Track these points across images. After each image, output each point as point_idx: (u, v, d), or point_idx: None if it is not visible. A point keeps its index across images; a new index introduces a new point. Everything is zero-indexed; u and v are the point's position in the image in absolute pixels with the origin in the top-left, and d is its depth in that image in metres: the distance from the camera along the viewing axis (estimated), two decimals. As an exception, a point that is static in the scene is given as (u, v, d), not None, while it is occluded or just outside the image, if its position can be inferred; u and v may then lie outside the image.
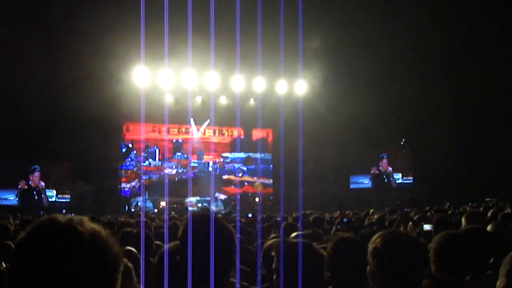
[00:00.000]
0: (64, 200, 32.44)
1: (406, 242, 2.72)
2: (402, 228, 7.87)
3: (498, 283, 2.59)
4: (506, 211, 9.51)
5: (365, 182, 37.55)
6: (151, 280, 3.39)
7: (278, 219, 11.35)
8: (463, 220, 6.09)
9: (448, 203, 22.88)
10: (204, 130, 35.95)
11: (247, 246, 6.14)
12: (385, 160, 37.69)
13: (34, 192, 32.40)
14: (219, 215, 18.30)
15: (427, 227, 7.01)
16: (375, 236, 2.81)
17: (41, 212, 19.88)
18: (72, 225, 1.41)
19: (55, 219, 1.44)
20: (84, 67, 27.29)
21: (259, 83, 32.92)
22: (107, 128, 31.82)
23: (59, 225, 1.42)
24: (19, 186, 32.08)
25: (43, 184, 32.66)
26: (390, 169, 37.52)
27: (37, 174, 32.66)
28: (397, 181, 37.29)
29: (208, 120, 34.97)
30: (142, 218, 11.99)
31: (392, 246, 2.69)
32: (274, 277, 3.05)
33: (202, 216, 2.43)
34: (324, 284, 3.06)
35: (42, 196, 32.48)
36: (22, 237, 1.44)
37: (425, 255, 2.76)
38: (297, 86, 33.71)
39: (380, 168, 37.61)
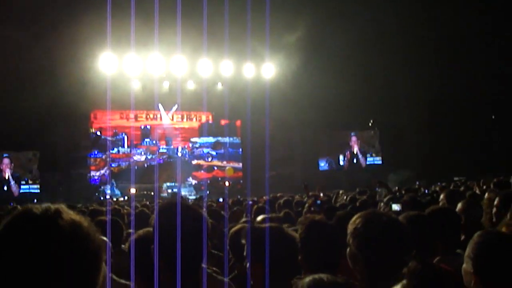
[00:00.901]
0: (33, 191, 31.90)
1: (386, 222, 2.71)
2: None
3: (464, 266, 2.59)
4: (474, 191, 9.64)
5: (322, 165, 37.73)
6: (122, 268, 3.34)
7: (250, 202, 11.36)
8: (442, 197, 6.12)
9: (417, 183, 23.17)
10: (172, 116, 35.78)
11: (220, 230, 6.10)
12: (354, 138, 37.92)
13: (3, 182, 31.81)
14: (190, 201, 18.28)
15: (395, 206, 7.05)
16: (355, 217, 2.79)
17: (11, 204, 19.55)
18: (50, 217, 1.34)
19: (31, 212, 1.37)
20: (49, 54, 26.85)
21: (227, 67, 32.80)
22: (74, 116, 31.47)
23: (36, 218, 1.35)
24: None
25: (11, 172, 32.08)
26: (358, 148, 37.80)
27: (6, 161, 32.10)
28: (367, 162, 37.57)
29: (176, 105, 34.81)
30: (109, 207, 11.88)
31: (372, 226, 2.67)
32: (247, 264, 3.01)
33: (173, 202, 2.38)
34: (297, 268, 3.03)
35: (11, 185, 31.89)
36: (1, 228, 1.36)
37: (407, 236, 2.74)
38: (264, 69, 33.67)
39: (350, 146, 37.87)
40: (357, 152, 37.80)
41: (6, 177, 31.93)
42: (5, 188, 31.73)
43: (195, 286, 2.26)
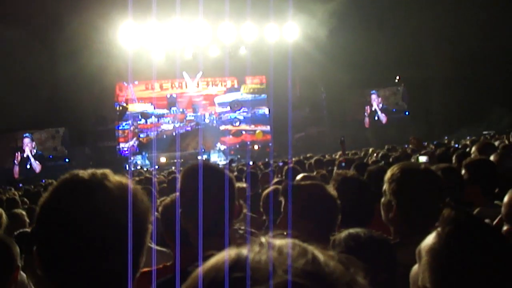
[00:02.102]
0: (61, 166, 32.12)
1: (423, 170, 2.70)
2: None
3: (502, 211, 2.56)
4: (506, 143, 9.55)
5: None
6: (157, 235, 3.39)
7: (280, 163, 11.40)
8: (474, 150, 6.08)
9: (446, 138, 22.98)
10: (198, 83, 35.76)
11: (256, 192, 6.12)
12: (373, 96, 37.59)
13: (25, 161, 32.23)
14: (220, 166, 18.41)
15: (422, 158, 7.03)
16: (393, 166, 2.79)
17: (43, 181, 19.75)
18: (97, 180, 1.36)
19: (77, 176, 1.39)
20: (70, 28, 26.80)
21: (249, 30, 32.46)
22: (99, 90, 31.59)
23: (84, 182, 1.37)
24: (15, 160, 32.01)
25: (32, 151, 32.43)
26: (380, 105, 37.47)
27: (26, 141, 32.42)
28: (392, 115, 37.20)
29: (201, 72, 34.75)
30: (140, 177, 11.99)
31: (409, 173, 2.67)
32: (279, 220, 3.02)
33: (197, 165, 2.39)
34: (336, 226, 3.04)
35: (32, 163, 32.29)
36: (48, 197, 1.38)
37: (442, 185, 2.74)
38: (287, 30, 33.28)
39: (371, 104, 37.56)
40: (375, 109, 37.43)
41: (27, 156, 32.30)
42: (28, 166, 32.09)
43: (224, 247, 2.26)
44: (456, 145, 14.87)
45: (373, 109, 37.43)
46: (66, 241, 1.31)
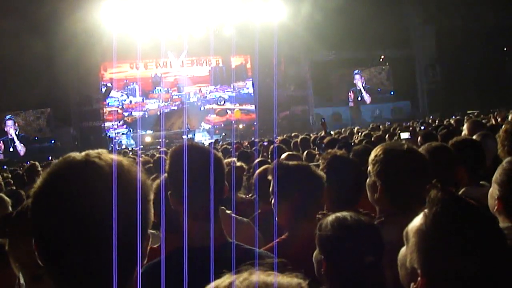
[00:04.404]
0: (48, 145, 31.99)
1: (405, 150, 2.70)
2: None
3: (491, 189, 2.56)
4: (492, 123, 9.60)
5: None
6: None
7: (265, 143, 11.39)
8: (464, 128, 6.08)
9: (431, 117, 23.14)
10: (182, 62, 35.64)
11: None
12: (357, 76, 37.61)
13: (9, 143, 31.96)
14: (205, 145, 18.34)
15: (404, 135, 7.05)
16: (376, 147, 2.79)
17: (27, 162, 19.60)
18: (90, 160, 1.34)
19: (70, 157, 1.37)
20: (53, 7, 26.43)
21: (234, 8, 32.18)
22: (84, 70, 31.39)
23: (77, 162, 1.36)
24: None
25: (16, 133, 32.12)
26: (364, 85, 37.51)
27: (9, 123, 32.12)
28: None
29: (185, 51, 34.59)
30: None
31: (392, 153, 2.67)
32: (271, 200, 3.02)
33: (188, 147, 2.36)
34: (322, 205, 3.05)
35: (16, 145, 32.00)
36: (41, 184, 1.34)
37: (427, 164, 2.74)
38: (273, 8, 33.03)
39: (354, 84, 37.59)
40: (360, 89, 37.46)
41: (11, 139, 31.99)
42: (11, 149, 31.81)
43: (213, 227, 2.25)
44: (441, 124, 14.93)
45: (357, 89, 37.43)
46: (66, 231, 1.27)
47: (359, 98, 37.32)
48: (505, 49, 33.04)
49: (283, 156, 5.78)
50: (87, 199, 1.28)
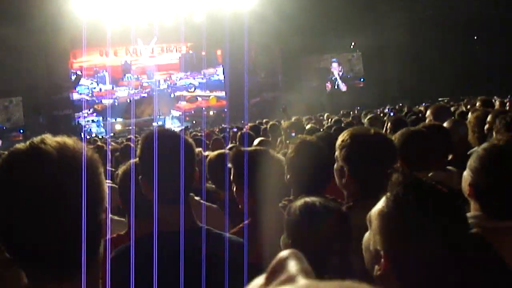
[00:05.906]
0: (17, 134, 31.40)
1: (372, 135, 2.73)
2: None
3: (464, 173, 2.59)
4: (461, 110, 9.71)
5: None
6: (115, 205, 3.36)
7: (234, 129, 11.39)
8: (429, 114, 6.13)
9: (400, 104, 23.31)
10: (152, 49, 35.42)
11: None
12: (335, 64, 37.74)
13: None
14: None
15: (342, 87, 7.08)
16: (343, 132, 2.82)
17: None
18: (35, 147, 1.34)
19: (14, 149, 1.37)
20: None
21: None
22: (53, 57, 30.98)
23: (23, 153, 1.35)
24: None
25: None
26: (341, 73, 37.66)
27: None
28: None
29: (155, 38, 34.36)
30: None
31: (358, 138, 2.70)
32: (234, 188, 3.03)
33: (158, 132, 2.36)
34: (284, 188, 3.06)
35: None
36: None
37: (393, 148, 2.78)
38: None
39: (331, 72, 37.70)
40: (337, 78, 37.59)
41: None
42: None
43: (184, 212, 2.25)
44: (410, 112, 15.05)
45: (333, 77, 37.55)
46: (13, 220, 1.29)
47: (336, 87, 37.45)
48: (475, 37, 33.38)
49: (255, 142, 5.80)
50: (34, 184, 1.28)
